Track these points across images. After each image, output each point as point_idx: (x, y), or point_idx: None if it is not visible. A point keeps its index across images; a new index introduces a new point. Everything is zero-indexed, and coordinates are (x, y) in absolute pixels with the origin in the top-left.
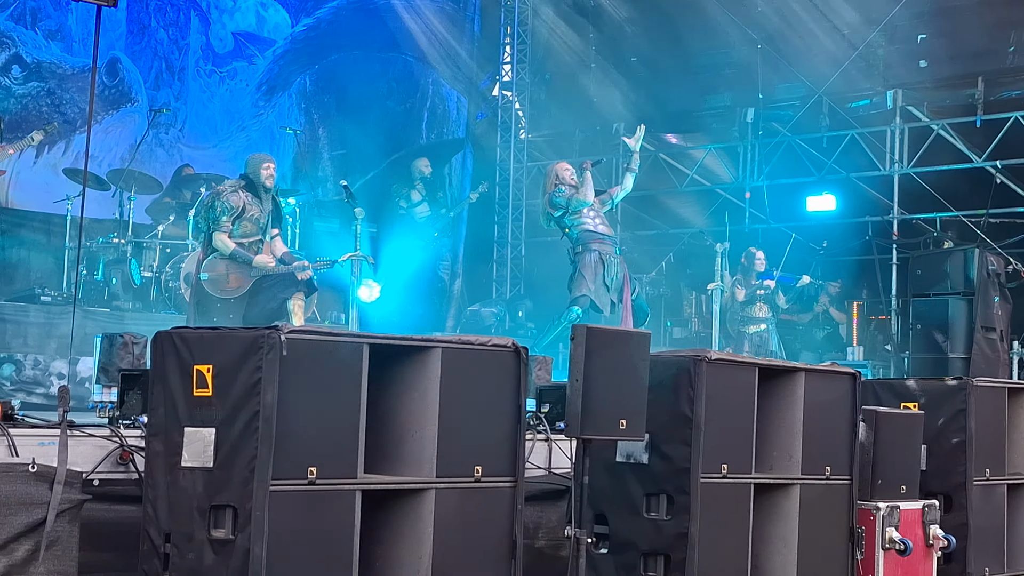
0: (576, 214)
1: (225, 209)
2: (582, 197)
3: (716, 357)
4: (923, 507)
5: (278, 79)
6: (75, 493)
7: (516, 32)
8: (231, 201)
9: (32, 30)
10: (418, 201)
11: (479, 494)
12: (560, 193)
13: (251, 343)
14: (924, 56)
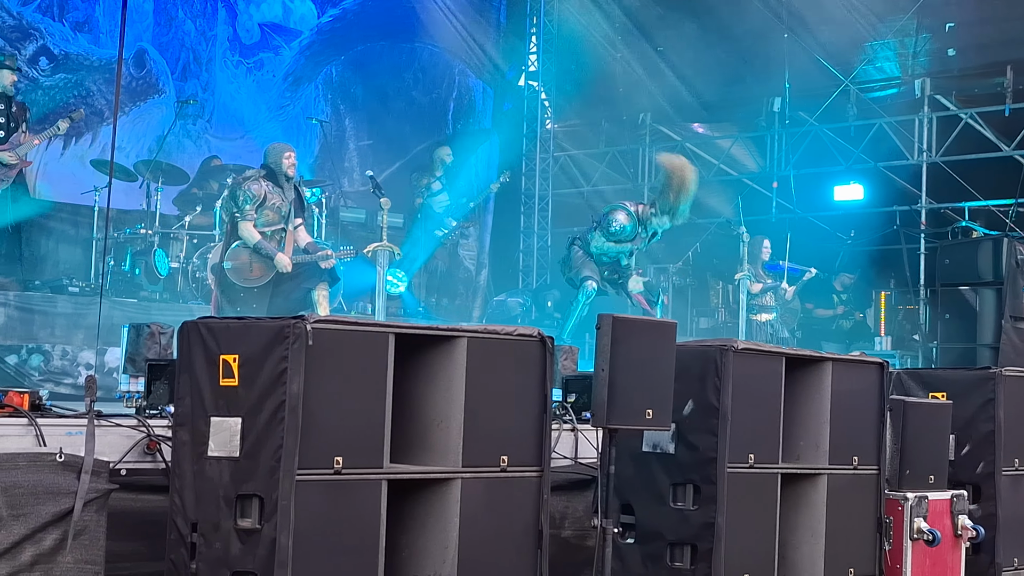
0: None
1: (248, 198)
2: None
3: (743, 346)
4: (951, 497)
5: (304, 70)
6: (102, 483)
7: (542, 22)
8: (253, 190)
9: (59, 22)
10: (438, 190)
11: (505, 484)
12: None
13: (277, 333)
14: (952, 44)
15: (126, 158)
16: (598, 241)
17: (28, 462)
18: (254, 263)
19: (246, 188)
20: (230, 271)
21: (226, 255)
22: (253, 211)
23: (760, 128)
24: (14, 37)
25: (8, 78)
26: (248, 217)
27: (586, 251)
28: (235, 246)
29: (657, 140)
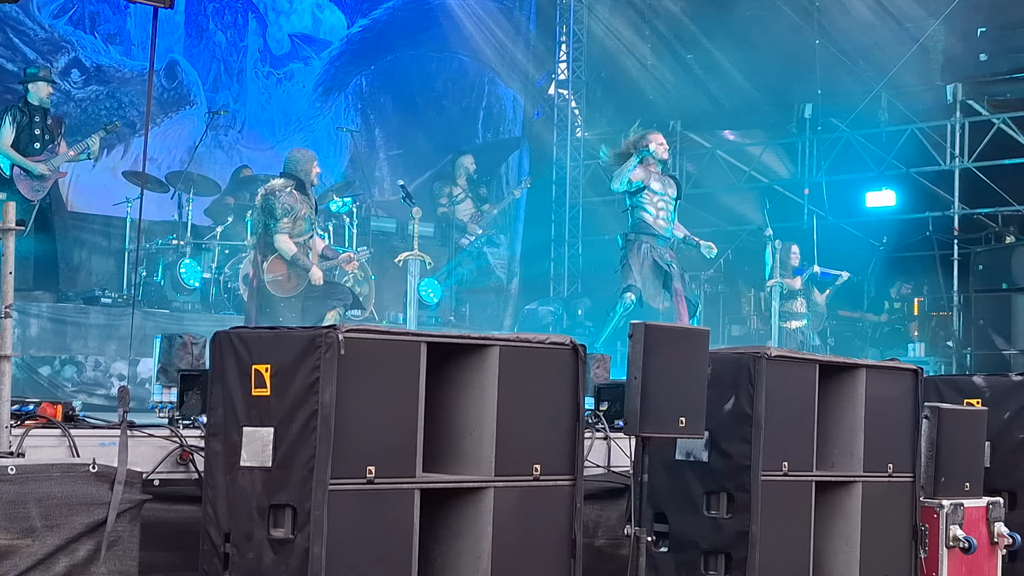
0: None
1: (286, 210)
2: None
3: (776, 354)
4: (987, 504)
5: (334, 80)
6: (135, 493)
7: (572, 30)
8: (287, 201)
9: (91, 34)
10: (461, 199)
11: (538, 493)
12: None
13: (309, 342)
14: (984, 49)
15: (158, 169)
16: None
17: (61, 473)
18: (291, 275)
19: (282, 200)
20: (271, 283)
21: (265, 267)
22: (290, 223)
23: (791, 134)
24: (46, 50)
25: (44, 90)
26: (284, 229)
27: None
28: (274, 257)
29: (688, 147)
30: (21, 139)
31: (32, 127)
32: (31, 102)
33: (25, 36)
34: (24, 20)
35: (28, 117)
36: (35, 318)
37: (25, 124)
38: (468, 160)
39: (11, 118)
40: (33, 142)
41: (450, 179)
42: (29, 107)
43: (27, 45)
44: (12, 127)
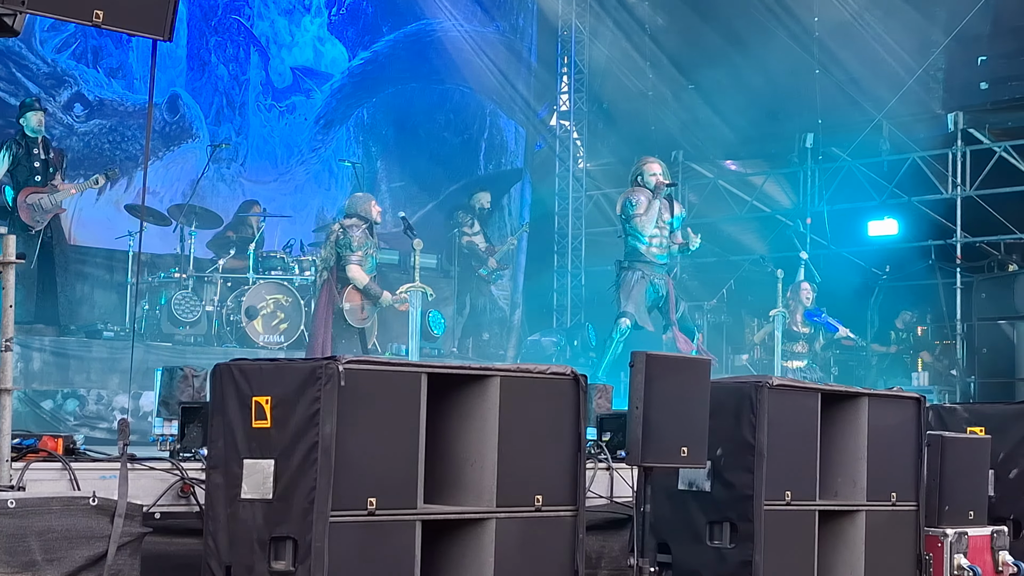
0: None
1: (357, 243)
2: (640, 225)
3: (778, 383)
4: (992, 533)
5: (336, 112)
6: (136, 526)
7: (573, 62)
8: (356, 236)
9: (94, 68)
10: (476, 231)
11: (540, 524)
12: (632, 205)
13: (309, 374)
14: (985, 78)
15: (160, 202)
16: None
17: (62, 506)
18: (364, 305)
19: (351, 233)
20: (348, 312)
21: (343, 296)
22: (361, 256)
23: (793, 164)
24: (49, 84)
25: (35, 119)
26: (355, 260)
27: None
28: (349, 287)
29: (690, 177)
30: (20, 171)
31: (31, 159)
32: (28, 134)
33: (28, 70)
34: (27, 55)
35: (26, 149)
36: (37, 351)
37: (22, 156)
38: (484, 197)
39: (7, 151)
40: (33, 175)
41: (471, 210)
42: (27, 139)
43: (30, 79)
44: (7, 160)
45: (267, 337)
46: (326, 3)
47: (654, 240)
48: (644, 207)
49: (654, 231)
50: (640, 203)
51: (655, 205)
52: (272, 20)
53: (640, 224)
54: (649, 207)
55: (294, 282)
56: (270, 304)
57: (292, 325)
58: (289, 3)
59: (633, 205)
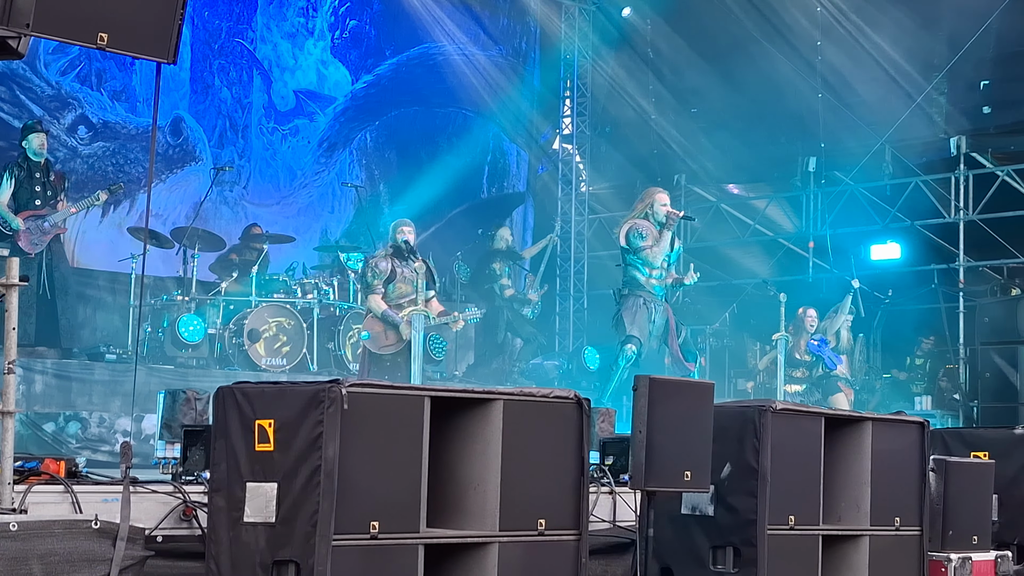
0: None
1: (375, 274)
2: (651, 257)
3: (781, 407)
4: (996, 558)
5: (339, 136)
6: (138, 549)
7: (576, 85)
8: (381, 267)
9: (97, 91)
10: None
11: (543, 548)
12: (640, 238)
13: (312, 397)
14: (987, 102)
15: (163, 225)
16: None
17: (64, 529)
18: (387, 331)
19: (373, 265)
20: (368, 341)
21: (363, 325)
22: (381, 285)
23: (795, 188)
24: (53, 107)
25: (37, 141)
26: (375, 291)
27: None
28: (369, 317)
29: (692, 201)
30: (21, 194)
31: (32, 182)
32: (30, 157)
33: (32, 93)
34: (31, 77)
35: (28, 172)
36: (40, 374)
37: (24, 179)
38: (506, 232)
39: (9, 174)
40: (34, 198)
41: (500, 254)
42: (29, 162)
43: (34, 102)
44: (11, 184)
45: (269, 360)
46: (329, 26)
47: (654, 273)
48: (652, 239)
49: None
50: (649, 234)
51: (666, 237)
52: (275, 43)
53: (651, 256)
54: (660, 239)
55: (296, 305)
56: (272, 327)
57: (294, 348)
58: (292, 26)
59: (643, 236)
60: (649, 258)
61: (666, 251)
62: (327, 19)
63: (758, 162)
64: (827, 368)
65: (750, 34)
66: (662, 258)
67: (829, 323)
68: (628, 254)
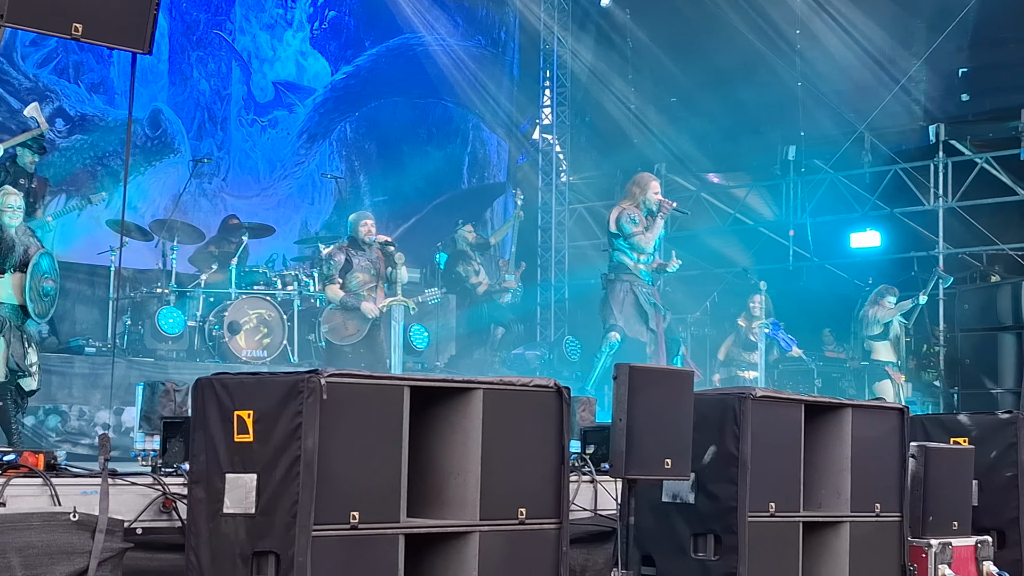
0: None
1: (331, 265)
2: (643, 243)
3: (761, 394)
4: (976, 543)
5: (319, 127)
6: (117, 542)
7: (555, 75)
8: (335, 259)
9: (75, 83)
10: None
11: (524, 536)
12: (632, 223)
13: (291, 388)
14: (966, 90)
15: (141, 218)
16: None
17: (42, 522)
18: (347, 321)
19: (327, 256)
20: (328, 333)
21: (321, 318)
22: (337, 275)
23: (775, 176)
24: (30, 99)
25: (29, 159)
26: (333, 281)
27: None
28: (328, 308)
29: (672, 190)
30: None
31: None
32: (19, 164)
33: (9, 86)
34: (8, 70)
35: (13, 178)
36: None
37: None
38: (468, 231)
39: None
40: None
41: (464, 257)
42: (16, 168)
43: (11, 95)
44: None
45: (250, 352)
46: (308, 17)
47: (642, 257)
48: (643, 225)
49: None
50: (640, 220)
51: (658, 224)
52: (254, 35)
53: (643, 242)
54: (654, 226)
55: (277, 297)
56: (253, 319)
57: (275, 340)
58: (271, 18)
59: (635, 222)
60: (640, 244)
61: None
62: (306, 10)
63: (738, 151)
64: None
65: (730, 23)
66: (653, 245)
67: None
68: (617, 239)
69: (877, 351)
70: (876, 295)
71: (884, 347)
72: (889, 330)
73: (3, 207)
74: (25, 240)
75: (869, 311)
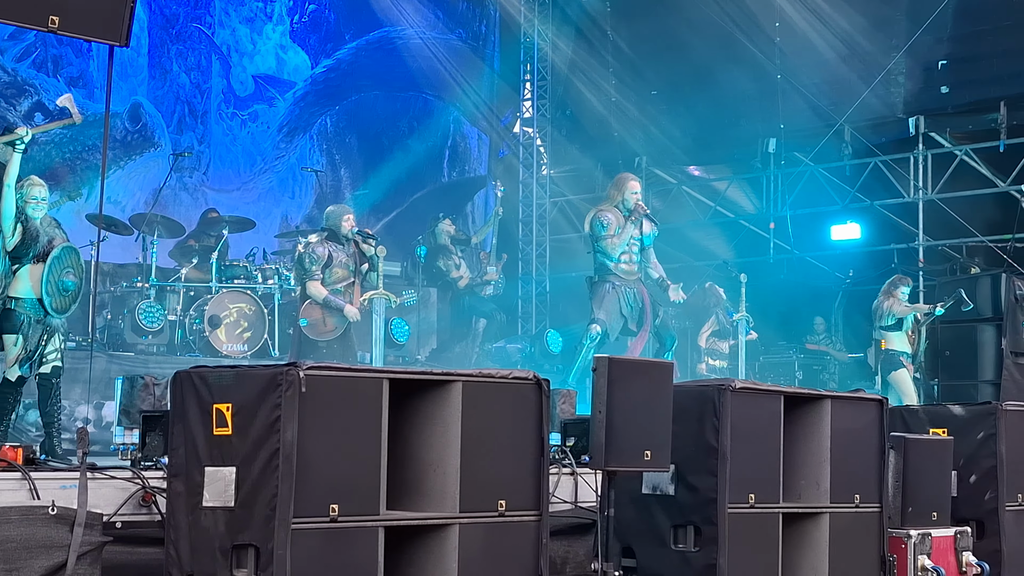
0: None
1: (313, 260)
2: (609, 248)
3: (741, 386)
4: (955, 534)
5: (299, 120)
6: (95, 535)
7: (536, 68)
8: (317, 252)
9: (54, 77)
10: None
11: (503, 528)
12: (601, 227)
13: (270, 381)
14: (945, 82)
15: (121, 212)
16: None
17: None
18: (327, 318)
19: (310, 251)
20: (306, 328)
21: (300, 312)
22: (319, 271)
23: (756, 169)
24: (9, 93)
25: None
26: (315, 277)
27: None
28: (308, 303)
29: (653, 183)
30: None
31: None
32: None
33: None
34: None
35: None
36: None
37: None
38: (447, 225)
39: None
40: None
41: (445, 251)
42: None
43: None
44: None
45: (231, 346)
46: (288, 11)
47: (623, 257)
48: (614, 228)
49: (624, 249)
50: (610, 224)
51: (628, 229)
52: (233, 28)
53: (610, 246)
54: (623, 229)
55: (257, 291)
56: (233, 313)
57: (256, 334)
58: (251, 11)
59: (604, 226)
60: (607, 248)
61: (626, 241)
62: (286, 3)
63: (718, 143)
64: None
65: (709, 16)
66: (621, 249)
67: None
68: (594, 242)
69: (891, 341)
70: (889, 285)
71: (899, 338)
72: (904, 321)
73: (28, 198)
74: (50, 232)
75: (883, 303)
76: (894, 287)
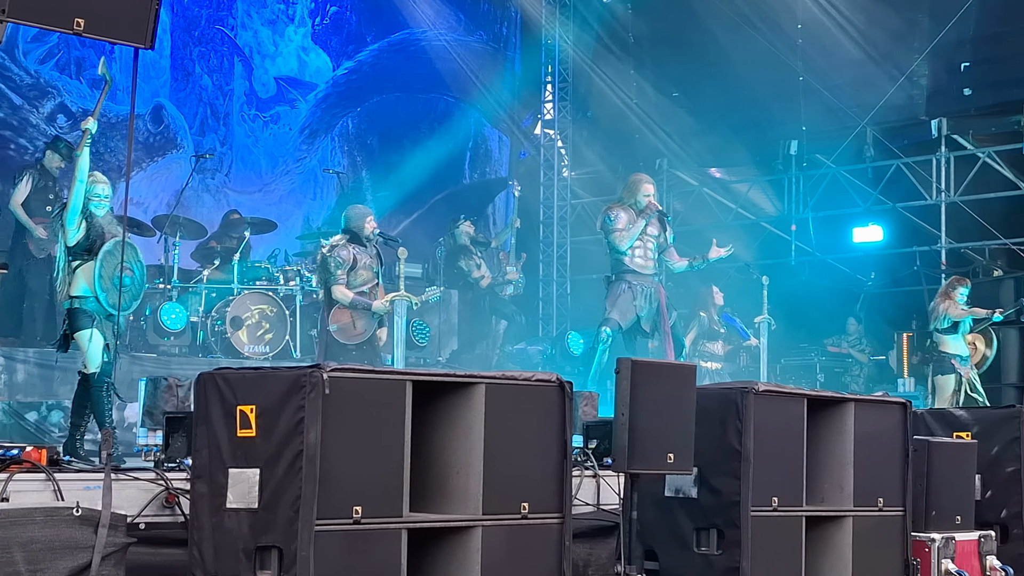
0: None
1: (339, 264)
2: (619, 241)
3: (764, 388)
4: (979, 538)
5: (320, 122)
6: (120, 536)
7: (557, 70)
8: (342, 256)
9: (77, 79)
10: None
11: (526, 531)
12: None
13: (293, 382)
14: (968, 84)
15: (144, 213)
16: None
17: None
18: (356, 320)
19: (335, 255)
20: (336, 332)
21: (329, 318)
22: (344, 275)
23: (777, 171)
24: (32, 95)
25: (55, 161)
26: (340, 281)
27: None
28: (335, 308)
29: (674, 185)
30: (33, 201)
31: (46, 191)
32: (45, 166)
33: (11, 82)
34: (10, 66)
35: (44, 181)
36: (22, 363)
37: (40, 187)
38: (467, 226)
39: (29, 178)
40: (45, 205)
41: (465, 251)
42: (44, 171)
43: (13, 91)
44: (28, 186)
45: (252, 347)
46: (310, 13)
47: (636, 251)
48: (624, 222)
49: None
50: (619, 219)
51: (639, 224)
52: (256, 30)
53: (619, 239)
54: (634, 224)
55: (279, 292)
56: (255, 314)
57: (277, 335)
58: (273, 13)
59: (612, 220)
60: (616, 241)
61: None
62: (307, 5)
63: (740, 145)
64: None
65: (731, 17)
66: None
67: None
68: (604, 236)
69: (944, 344)
70: (947, 287)
71: (954, 341)
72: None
73: (91, 195)
74: (112, 229)
75: (940, 305)
76: (952, 288)
